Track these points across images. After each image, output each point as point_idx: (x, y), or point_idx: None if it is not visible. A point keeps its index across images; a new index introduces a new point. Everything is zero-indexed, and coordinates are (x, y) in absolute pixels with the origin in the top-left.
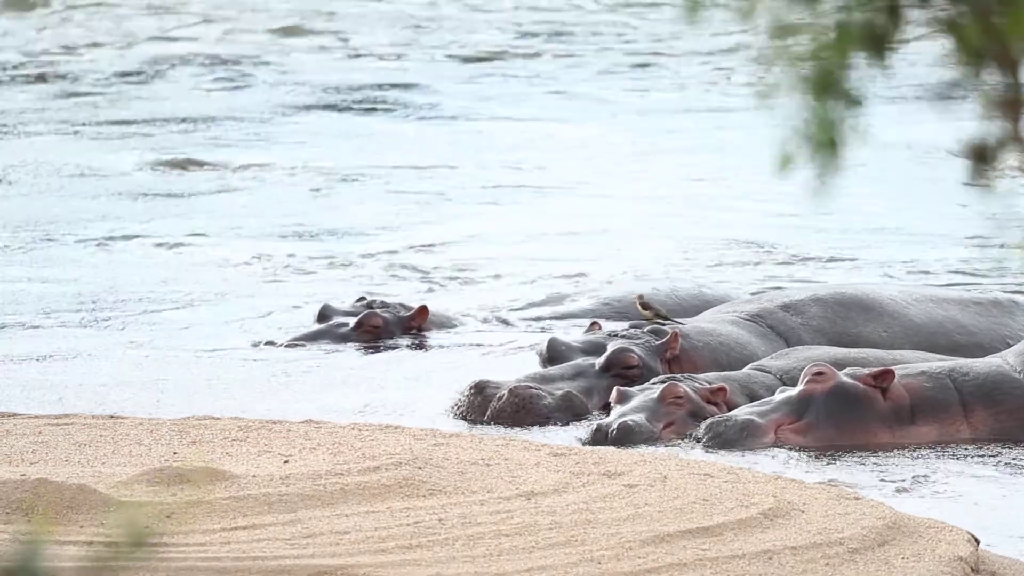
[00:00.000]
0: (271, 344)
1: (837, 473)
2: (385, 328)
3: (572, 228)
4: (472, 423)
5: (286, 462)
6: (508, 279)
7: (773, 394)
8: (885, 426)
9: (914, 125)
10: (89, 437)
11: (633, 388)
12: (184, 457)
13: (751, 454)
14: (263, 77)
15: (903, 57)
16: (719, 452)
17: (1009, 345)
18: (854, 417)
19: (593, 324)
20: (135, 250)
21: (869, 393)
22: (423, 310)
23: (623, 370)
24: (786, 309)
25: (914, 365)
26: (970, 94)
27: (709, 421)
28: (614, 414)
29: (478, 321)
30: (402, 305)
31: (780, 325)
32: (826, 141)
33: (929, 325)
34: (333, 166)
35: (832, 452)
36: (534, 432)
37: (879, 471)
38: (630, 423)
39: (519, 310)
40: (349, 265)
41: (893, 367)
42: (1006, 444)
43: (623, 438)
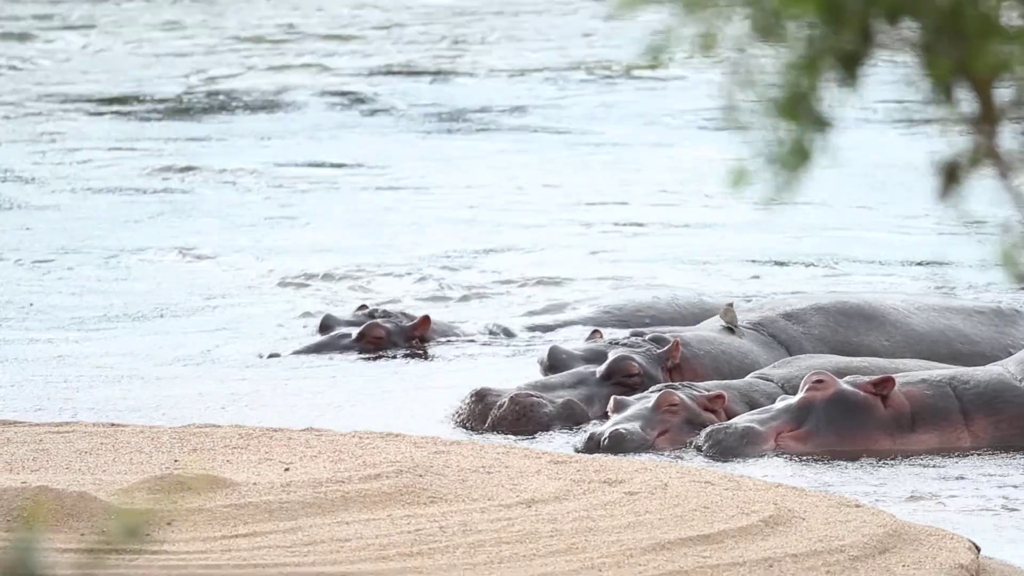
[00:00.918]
0: (275, 356)
1: (837, 480)
2: (387, 339)
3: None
4: (473, 431)
5: (287, 470)
6: (510, 287)
7: (774, 402)
8: (886, 433)
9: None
10: (90, 445)
11: (630, 397)
12: (185, 465)
13: (752, 461)
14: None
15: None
16: (720, 459)
17: (1011, 354)
18: (854, 424)
19: (594, 332)
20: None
21: (869, 400)
22: (425, 320)
23: (624, 378)
24: (788, 318)
25: (915, 373)
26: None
27: (709, 429)
28: (608, 423)
29: (479, 330)
30: (404, 314)
31: (782, 334)
32: (792, 161)
33: (931, 334)
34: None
35: (833, 460)
36: (535, 440)
37: (879, 479)
38: (622, 431)
39: (520, 318)
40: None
41: (894, 375)
42: (1007, 452)
43: (614, 446)
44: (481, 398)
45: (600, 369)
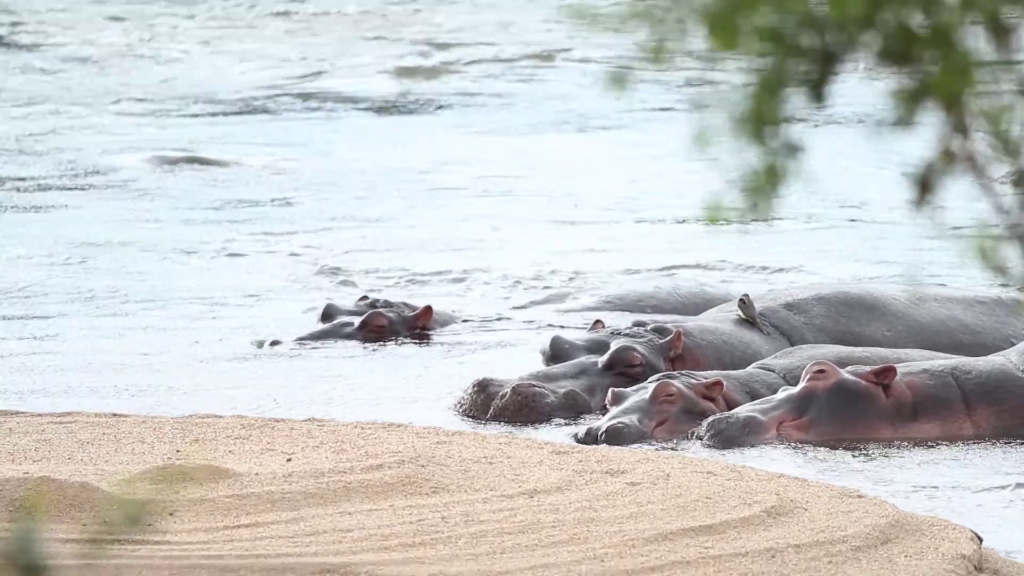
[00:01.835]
0: (277, 343)
1: (840, 470)
2: (390, 327)
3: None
4: (475, 421)
5: (289, 460)
6: (510, 278)
7: (774, 392)
8: (887, 423)
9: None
10: (92, 435)
11: (628, 388)
12: (187, 455)
13: (753, 451)
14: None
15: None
16: (722, 449)
17: (1013, 344)
18: (856, 414)
19: (597, 322)
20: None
21: (871, 390)
22: (427, 310)
23: (626, 368)
24: (790, 308)
25: (917, 363)
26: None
27: (711, 419)
28: (606, 416)
29: (481, 320)
30: (406, 304)
31: (783, 324)
32: (762, 184)
33: (933, 324)
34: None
35: (835, 449)
36: (537, 430)
37: (882, 469)
38: (619, 425)
39: (522, 308)
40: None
41: (895, 365)
42: (1009, 442)
43: (612, 440)
44: (483, 388)
45: (602, 359)
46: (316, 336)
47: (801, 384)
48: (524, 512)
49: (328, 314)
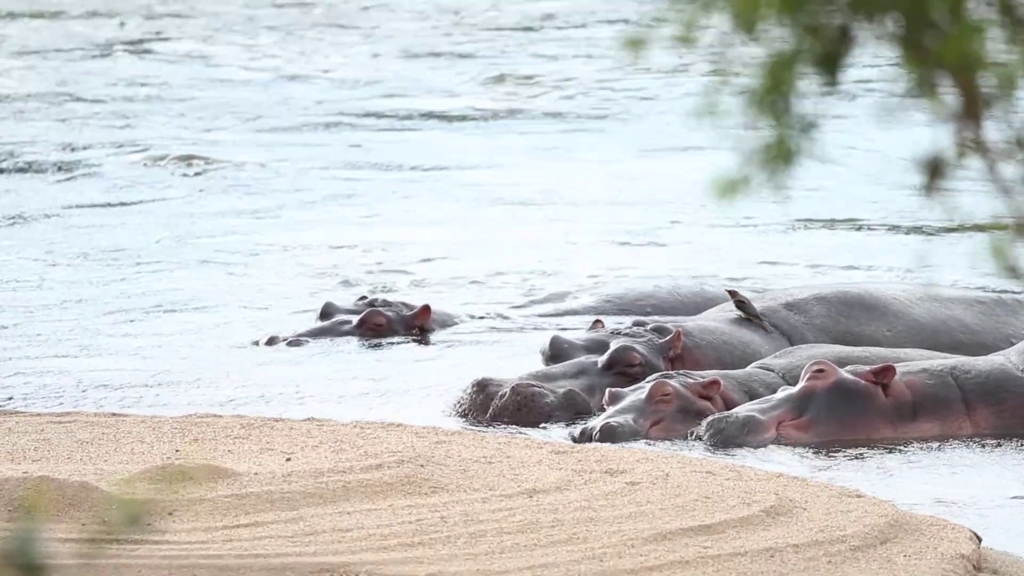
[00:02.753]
0: (274, 339)
1: (839, 470)
2: (388, 326)
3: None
4: (474, 421)
5: (288, 460)
6: (509, 277)
7: (773, 392)
8: (887, 422)
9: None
10: (91, 435)
11: (625, 388)
12: (186, 455)
13: (753, 451)
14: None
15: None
16: (721, 449)
17: (1012, 344)
18: (855, 413)
19: (596, 322)
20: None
21: (870, 389)
22: (426, 309)
23: (625, 368)
24: (789, 308)
25: (916, 362)
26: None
27: (711, 418)
28: (601, 416)
29: (480, 319)
30: (404, 304)
31: (783, 324)
32: (776, 161)
33: (932, 324)
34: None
35: (834, 449)
36: (536, 430)
37: (881, 468)
38: (613, 424)
39: (521, 308)
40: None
41: (895, 364)
42: (1008, 441)
43: (606, 439)
44: (482, 388)
45: (601, 359)
46: (314, 333)
47: (800, 384)
48: (523, 512)
49: (326, 312)
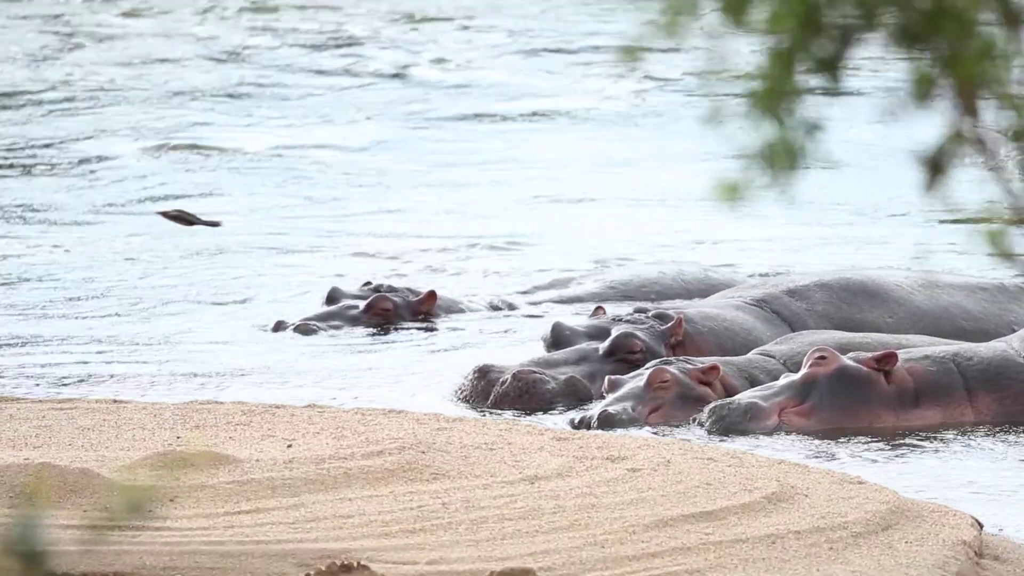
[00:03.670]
0: (281, 324)
1: (840, 457)
2: (395, 311)
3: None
4: (476, 407)
5: (289, 446)
6: (514, 263)
7: (773, 379)
8: (889, 409)
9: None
10: (92, 421)
11: (624, 376)
12: (187, 441)
13: (754, 438)
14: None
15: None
16: (723, 435)
17: (1014, 331)
18: (857, 400)
19: (598, 308)
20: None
21: (872, 376)
22: (431, 295)
23: (627, 355)
24: (791, 294)
25: (918, 349)
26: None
27: (713, 405)
28: (600, 404)
29: (485, 306)
30: (410, 290)
31: (785, 310)
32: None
33: (934, 311)
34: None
35: (836, 435)
36: (537, 416)
37: (882, 455)
38: (611, 412)
39: (525, 294)
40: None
41: (897, 351)
42: (1010, 428)
43: (604, 427)
44: (484, 374)
45: (603, 346)
46: (321, 318)
47: (802, 370)
48: (525, 498)
49: (332, 297)
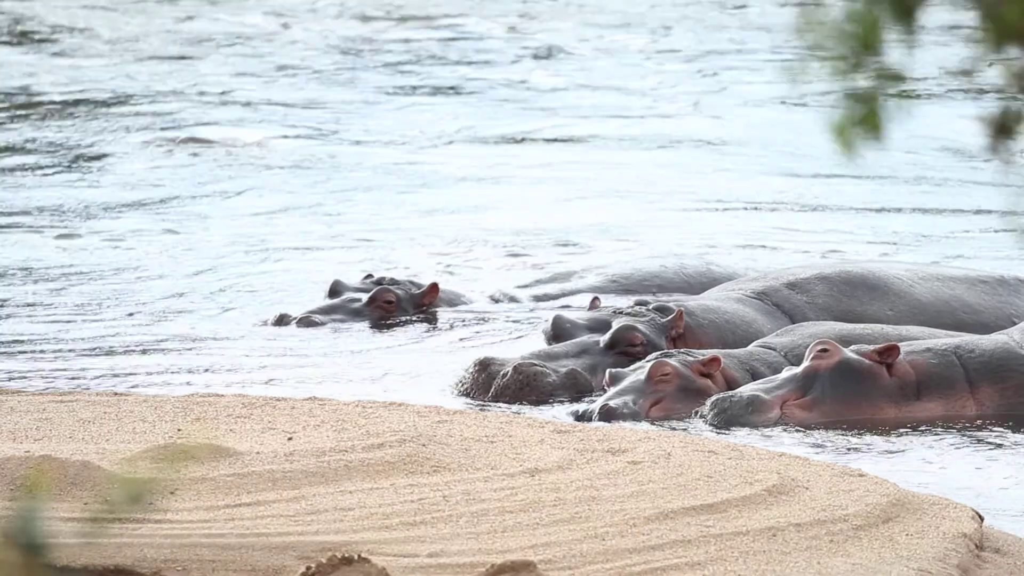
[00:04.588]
0: (284, 317)
1: (841, 449)
2: (397, 304)
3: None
4: (477, 400)
5: (290, 439)
6: (517, 256)
7: (774, 371)
8: (891, 402)
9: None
10: (93, 414)
11: (625, 369)
12: (188, 434)
13: (755, 431)
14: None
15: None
16: (725, 428)
17: (1014, 323)
18: (859, 392)
19: (594, 300)
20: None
21: (874, 369)
22: (434, 287)
23: (628, 348)
24: (792, 287)
25: (920, 342)
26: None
27: (715, 397)
28: (601, 398)
29: (487, 299)
30: (412, 282)
31: (786, 303)
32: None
33: (935, 304)
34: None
35: (837, 428)
36: (538, 409)
37: (884, 447)
38: (612, 406)
39: (527, 287)
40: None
41: (898, 343)
42: (1012, 421)
43: (605, 421)
44: (485, 367)
45: (604, 339)
46: (324, 311)
47: (804, 363)
48: (525, 491)
49: (335, 291)
